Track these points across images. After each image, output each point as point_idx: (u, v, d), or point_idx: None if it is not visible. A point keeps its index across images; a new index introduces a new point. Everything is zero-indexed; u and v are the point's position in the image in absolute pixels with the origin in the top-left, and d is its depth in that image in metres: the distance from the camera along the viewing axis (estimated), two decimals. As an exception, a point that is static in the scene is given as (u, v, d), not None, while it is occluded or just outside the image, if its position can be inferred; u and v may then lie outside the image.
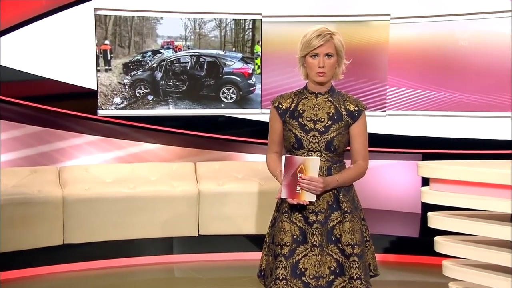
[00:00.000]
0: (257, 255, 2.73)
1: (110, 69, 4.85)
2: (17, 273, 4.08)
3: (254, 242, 4.49)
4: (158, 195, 4.48)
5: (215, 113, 5.06)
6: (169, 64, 4.96)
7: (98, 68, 4.80)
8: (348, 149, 2.49)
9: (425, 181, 3.60)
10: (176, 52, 4.96)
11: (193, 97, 5.01)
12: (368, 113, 2.54)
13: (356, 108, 2.46)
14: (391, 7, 4.93)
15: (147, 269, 4.37)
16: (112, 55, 4.84)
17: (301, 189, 2.34)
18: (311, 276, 2.37)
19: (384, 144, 4.91)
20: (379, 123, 4.97)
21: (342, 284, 2.39)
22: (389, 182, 5.52)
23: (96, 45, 4.77)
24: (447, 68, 4.84)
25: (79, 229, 4.30)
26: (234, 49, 5.04)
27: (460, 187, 3.01)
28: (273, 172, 2.52)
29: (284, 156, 2.36)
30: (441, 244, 3.18)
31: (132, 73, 4.90)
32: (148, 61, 4.92)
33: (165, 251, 4.51)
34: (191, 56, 4.99)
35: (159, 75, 4.95)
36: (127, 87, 4.90)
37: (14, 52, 4.49)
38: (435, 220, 3.18)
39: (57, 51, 4.63)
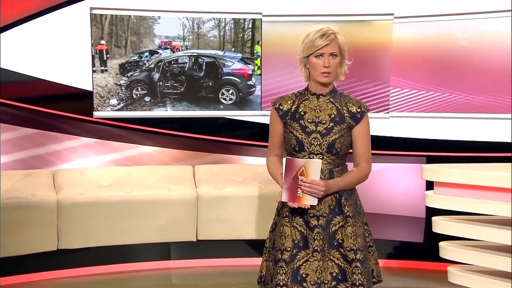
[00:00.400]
0: (257, 261, 2.73)
1: (106, 70, 4.85)
2: (10, 280, 4.07)
3: (254, 247, 4.49)
4: (155, 199, 4.48)
5: (214, 114, 5.06)
6: (166, 64, 4.96)
7: (94, 68, 4.80)
8: (350, 151, 2.49)
9: (429, 185, 3.60)
10: (174, 52, 4.96)
11: (191, 98, 5.01)
12: (371, 114, 2.54)
13: (359, 110, 2.46)
14: (394, 6, 4.93)
15: (144, 275, 4.36)
16: (108, 56, 4.84)
17: (302, 192, 2.34)
18: (312, 282, 2.37)
19: (388, 146, 4.91)
20: (382, 125, 4.97)
21: (344, 291, 2.39)
22: (392, 186, 5.52)
23: (92, 45, 4.78)
24: (452, 69, 4.84)
25: (74, 234, 4.29)
26: (233, 49, 5.05)
27: (466, 191, 3.01)
28: (273, 175, 2.52)
29: (285, 158, 2.36)
30: (446, 250, 3.18)
31: (128, 74, 4.90)
32: (145, 61, 4.92)
33: (162, 256, 4.50)
34: (189, 56, 5.00)
35: (156, 76, 4.95)
36: (123, 88, 4.90)
37: (7, 52, 4.49)
38: (440, 225, 3.18)
39: (52, 51, 4.63)
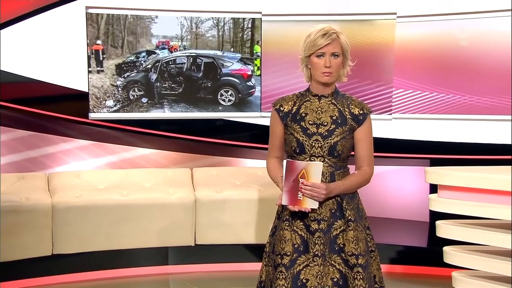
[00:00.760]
0: (256, 266, 2.73)
1: (102, 70, 4.85)
2: (3, 286, 4.06)
3: (253, 251, 4.49)
4: (153, 203, 4.48)
5: (212, 116, 5.06)
6: (164, 65, 4.96)
7: (90, 69, 4.80)
8: (352, 154, 2.49)
9: (433, 188, 3.60)
10: (171, 52, 4.97)
11: (189, 99, 5.02)
12: (373, 116, 2.55)
13: (361, 112, 2.46)
14: (397, 5, 4.93)
15: (141, 280, 4.36)
16: (104, 56, 4.84)
17: (302, 195, 2.34)
18: (312, 288, 2.37)
19: (390, 149, 4.91)
20: (385, 127, 4.97)
21: (345, 297, 2.39)
22: (395, 189, 5.52)
23: (88, 45, 4.78)
24: (456, 69, 4.84)
25: (69, 239, 4.29)
26: (232, 49, 5.05)
27: (471, 194, 3.01)
28: (273, 178, 2.52)
29: (285, 161, 2.36)
30: (451, 255, 3.18)
31: (125, 75, 4.91)
32: (142, 62, 4.93)
33: (160, 261, 4.50)
34: (187, 56, 5.00)
35: (153, 76, 4.95)
36: (120, 89, 4.90)
37: (0, 52, 4.49)
38: (444, 229, 3.18)
39: (46, 51, 4.63)
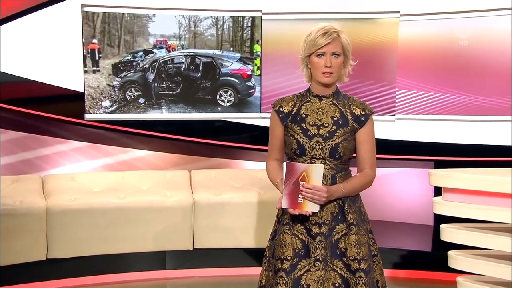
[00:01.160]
0: (256, 270, 2.72)
1: (99, 70, 4.85)
2: (-4, 291, 4.07)
3: (253, 256, 4.49)
4: (150, 206, 4.47)
5: (211, 117, 5.06)
6: (162, 64, 4.96)
7: (86, 69, 4.80)
8: (354, 156, 2.49)
9: (437, 191, 3.60)
10: (169, 52, 4.97)
11: (187, 100, 5.02)
12: (376, 117, 2.55)
13: (363, 112, 2.46)
14: (400, 3, 4.94)
15: (138, 286, 4.35)
16: (100, 55, 4.85)
17: (303, 198, 2.34)
18: (314, 293, 2.37)
19: (393, 150, 4.91)
20: (388, 128, 4.97)
21: (347, 302, 2.39)
22: (398, 192, 5.52)
23: (83, 44, 4.78)
24: (461, 69, 4.84)
25: (64, 243, 4.28)
26: (232, 48, 5.05)
27: (476, 197, 3.00)
28: (273, 180, 2.52)
29: (285, 163, 2.36)
30: (456, 259, 3.17)
31: (122, 75, 4.91)
32: (139, 61, 4.93)
33: (157, 266, 4.50)
34: (185, 56, 5.00)
35: (151, 76, 4.95)
36: (116, 89, 4.90)
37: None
38: (449, 233, 3.17)
39: (41, 50, 4.63)
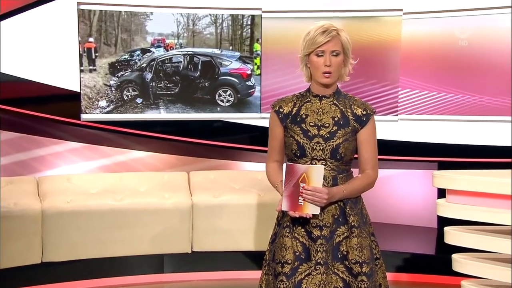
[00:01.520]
0: (256, 274, 2.72)
1: (95, 70, 4.85)
2: (-10, 295, 4.06)
3: (252, 259, 4.48)
4: (148, 208, 4.47)
5: (210, 117, 5.05)
6: (159, 64, 4.96)
7: (82, 68, 4.80)
8: (355, 157, 2.49)
9: (441, 193, 3.59)
10: (167, 51, 4.97)
11: (186, 100, 5.01)
12: (379, 117, 2.55)
13: (364, 113, 2.46)
14: (403, 1, 4.93)
15: (135, 289, 4.36)
16: (97, 54, 4.84)
17: (303, 200, 2.34)
18: (315, 298, 2.37)
19: (396, 151, 4.90)
20: (390, 128, 4.96)
21: (349, 307, 2.39)
22: (401, 194, 5.51)
23: (79, 43, 4.78)
24: (466, 68, 4.83)
25: (59, 246, 4.28)
26: (231, 47, 5.05)
27: (481, 199, 3.00)
28: (273, 182, 2.52)
29: (285, 164, 2.35)
30: (460, 263, 3.17)
31: (119, 74, 4.90)
32: (136, 60, 4.92)
33: (155, 269, 4.49)
34: (184, 55, 5.00)
35: (148, 76, 4.95)
36: (113, 89, 4.90)
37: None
38: (453, 236, 3.17)
39: (36, 49, 4.63)
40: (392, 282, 3.00)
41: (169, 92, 4.99)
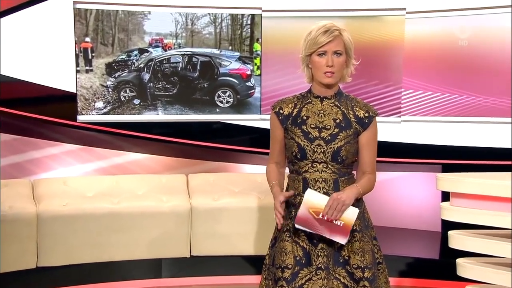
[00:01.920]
0: (256, 279, 2.72)
1: (92, 70, 4.85)
2: (-16, 301, 4.06)
3: (252, 264, 4.48)
4: (145, 211, 4.47)
5: (209, 119, 5.05)
6: (157, 64, 4.96)
7: (78, 68, 4.80)
8: (357, 159, 2.49)
9: (445, 196, 3.59)
10: (165, 51, 4.97)
11: (184, 101, 5.01)
12: (381, 119, 2.55)
13: (367, 114, 2.45)
14: (406, 0, 4.93)
15: (132, 295, 4.36)
16: (93, 54, 4.84)
17: (338, 220, 2.32)
18: (316, 303, 2.36)
19: (399, 153, 4.90)
20: (394, 130, 4.96)
21: (351, 312, 2.38)
22: (404, 197, 5.51)
23: (76, 43, 4.78)
24: (470, 69, 4.83)
25: (55, 250, 4.28)
26: (230, 47, 5.05)
27: (486, 202, 3.00)
28: (269, 182, 2.53)
29: (296, 225, 2.34)
30: (465, 267, 3.16)
31: (116, 74, 4.90)
32: (134, 60, 4.93)
33: (152, 274, 4.49)
34: (182, 55, 5.00)
35: (146, 76, 4.95)
36: (110, 90, 4.90)
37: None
38: (457, 240, 3.16)
39: (31, 49, 4.63)
40: (395, 287, 2.99)
41: (167, 93, 4.98)
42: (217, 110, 5.06)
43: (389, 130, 4.86)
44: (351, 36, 2.43)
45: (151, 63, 4.95)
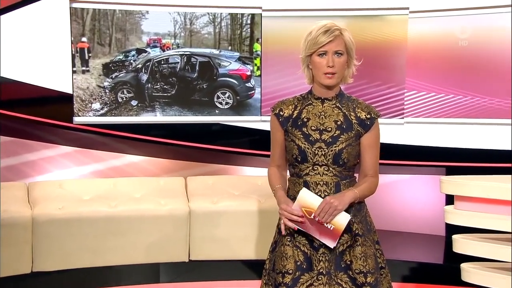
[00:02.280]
0: (256, 284, 2.72)
1: (88, 71, 4.85)
2: (-23, 307, 4.06)
3: (252, 268, 4.48)
4: (143, 215, 4.47)
5: (208, 120, 5.05)
6: (155, 64, 4.96)
7: (74, 69, 4.80)
8: (359, 162, 2.48)
9: (449, 199, 3.59)
10: (164, 51, 4.97)
11: (183, 102, 5.01)
12: (384, 120, 2.55)
13: (368, 116, 2.45)
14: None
15: (129, 300, 4.36)
16: (90, 55, 4.84)
17: (328, 223, 2.33)
18: (317, 309, 2.36)
19: (402, 156, 4.90)
20: (396, 132, 4.96)
21: (353, 318, 2.38)
22: (407, 200, 5.50)
23: (72, 43, 4.78)
24: (475, 69, 4.83)
25: (50, 255, 4.28)
26: (230, 47, 5.05)
27: (491, 206, 3.00)
28: (271, 187, 2.53)
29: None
30: (469, 272, 3.16)
31: (113, 75, 4.90)
32: (131, 61, 4.93)
33: (150, 279, 4.49)
34: (181, 55, 5.00)
35: (144, 77, 4.95)
36: (107, 91, 4.90)
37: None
38: (462, 244, 3.16)
39: (26, 49, 4.63)
40: (398, 293, 2.99)
41: (165, 94, 4.98)
42: (217, 111, 5.06)
43: (392, 132, 4.85)
44: (353, 36, 2.43)
45: (149, 63, 4.95)
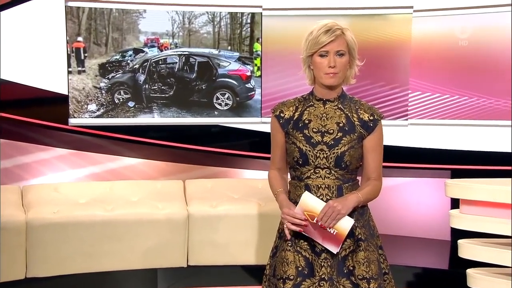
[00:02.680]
0: (255, 291, 2.72)
1: (84, 71, 4.85)
2: (-30, 313, 4.05)
3: (252, 274, 4.48)
4: (140, 219, 4.47)
5: (207, 122, 5.06)
6: (153, 65, 4.96)
7: (70, 69, 4.80)
8: (361, 165, 2.48)
9: (455, 203, 3.59)
10: (161, 51, 4.97)
11: (181, 103, 5.01)
12: (388, 122, 2.55)
13: (371, 118, 2.45)
14: (413, -2, 4.95)
15: (126, 306, 4.35)
16: (86, 55, 4.85)
17: (331, 228, 2.33)
18: (319, 316, 2.36)
19: (406, 158, 4.90)
20: (400, 134, 4.96)
21: (356, 326, 2.38)
22: (412, 204, 5.50)
23: (67, 43, 4.78)
24: (480, 70, 4.83)
25: (45, 260, 4.27)
26: (229, 47, 5.05)
27: (497, 210, 3.00)
28: (273, 190, 2.53)
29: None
30: (475, 278, 3.16)
31: (110, 76, 4.91)
32: (128, 61, 4.93)
33: (148, 285, 4.49)
34: (179, 55, 5.00)
35: (141, 77, 4.95)
36: (104, 91, 4.90)
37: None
38: (467, 249, 3.16)
39: (20, 49, 4.64)
40: (402, 299, 2.99)
41: (163, 95, 4.99)
42: (216, 112, 5.06)
43: (395, 133, 4.86)
44: (355, 35, 2.43)
45: (146, 63, 4.95)
